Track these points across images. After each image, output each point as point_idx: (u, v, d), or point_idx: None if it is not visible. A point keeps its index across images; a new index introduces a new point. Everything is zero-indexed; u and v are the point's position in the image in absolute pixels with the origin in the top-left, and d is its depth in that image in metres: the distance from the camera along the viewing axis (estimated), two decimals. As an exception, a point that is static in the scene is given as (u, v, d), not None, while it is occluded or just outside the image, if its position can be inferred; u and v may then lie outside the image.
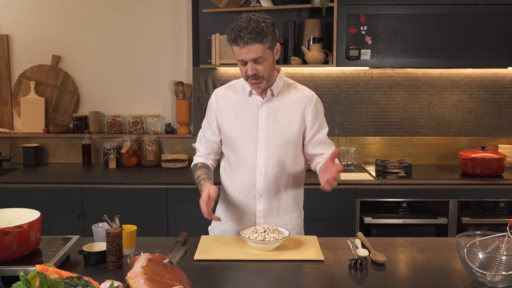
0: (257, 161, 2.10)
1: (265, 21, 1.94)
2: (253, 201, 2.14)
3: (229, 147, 2.15)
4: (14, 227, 1.65)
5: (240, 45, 1.92)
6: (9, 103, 3.81)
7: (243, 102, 2.12)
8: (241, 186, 2.14)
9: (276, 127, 2.08)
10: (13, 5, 3.73)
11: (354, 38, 3.33)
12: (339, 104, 3.75)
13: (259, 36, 1.90)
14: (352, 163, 3.57)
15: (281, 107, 2.09)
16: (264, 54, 1.94)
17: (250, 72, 1.96)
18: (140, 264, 1.56)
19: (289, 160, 2.13)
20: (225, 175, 2.22)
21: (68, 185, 3.19)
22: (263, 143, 2.09)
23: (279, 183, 2.13)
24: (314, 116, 2.13)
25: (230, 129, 2.12)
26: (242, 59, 1.96)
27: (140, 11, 3.75)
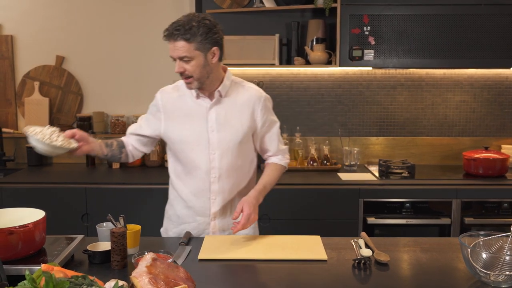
0: (211, 164, 2.09)
1: (201, 22, 1.92)
2: (207, 203, 2.14)
3: (180, 150, 2.12)
4: (19, 227, 1.66)
5: (170, 41, 1.95)
6: (13, 103, 3.83)
7: (191, 104, 2.10)
8: (195, 190, 2.13)
9: (227, 129, 2.08)
10: (17, 5, 3.75)
11: (357, 39, 3.33)
12: (342, 105, 3.75)
13: (186, 34, 1.90)
14: (355, 163, 3.57)
15: (231, 108, 2.09)
16: (190, 54, 1.93)
17: (176, 69, 1.98)
18: (144, 263, 1.56)
19: (241, 160, 2.14)
20: (177, 178, 2.19)
21: (72, 185, 3.20)
22: (215, 145, 2.08)
23: (233, 184, 2.14)
24: (264, 114, 2.14)
25: (179, 133, 2.10)
26: (171, 55, 1.98)
27: (143, 11, 3.76)
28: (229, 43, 3.53)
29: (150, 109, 2.19)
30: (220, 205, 2.14)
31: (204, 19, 1.94)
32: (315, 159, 3.55)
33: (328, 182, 3.21)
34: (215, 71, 2.03)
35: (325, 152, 3.60)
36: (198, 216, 2.16)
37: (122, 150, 2.18)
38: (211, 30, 1.94)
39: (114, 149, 2.14)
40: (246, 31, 3.62)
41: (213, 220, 2.15)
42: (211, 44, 1.95)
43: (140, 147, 2.22)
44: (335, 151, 3.75)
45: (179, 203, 2.19)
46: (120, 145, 2.18)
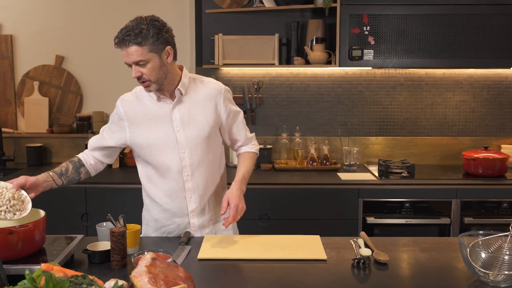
0: (182, 163, 2.08)
1: (150, 23, 1.91)
2: (183, 203, 2.13)
3: (148, 154, 2.10)
4: (19, 226, 1.66)
5: (121, 47, 1.93)
6: (13, 103, 3.83)
7: (153, 107, 2.08)
8: (170, 191, 2.12)
9: (192, 126, 2.07)
10: (17, 5, 3.75)
11: (357, 38, 3.33)
12: (342, 104, 3.75)
13: (137, 38, 1.88)
14: (355, 163, 3.57)
15: (193, 104, 2.08)
16: (144, 58, 1.91)
17: (133, 74, 1.95)
18: (144, 263, 1.57)
19: (211, 154, 2.14)
20: (149, 182, 2.17)
21: (72, 185, 3.17)
22: (183, 144, 2.07)
23: (206, 180, 2.14)
24: (227, 106, 2.14)
25: (146, 137, 2.07)
26: (125, 62, 1.95)
27: (143, 11, 3.73)
28: (228, 43, 3.54)
29: (112, 119, 2.16)
30: (197, 203, 2.13)
31: (153, 21, 1.94)
32: (314, 159, 3.55)
33: (327, 182, 3.21)
34: (172, 71, 2.03)
35: (324, 152, 3.60)
36: (176, 217, 2.15)
37: (80, 170, 2.14)
38: (161, 30, 1.93)
39: (70, 175, 2.11)
40: (246, 31, 3.62)
41: (192, 218, 2.14)
42: (164, 44, 1.95)
43: (104, 160, 2.20)
44: (334, 151, 3.75)
45: (154, 207, 2.18)
46: (77, 167, 2.14)
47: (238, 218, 2.00)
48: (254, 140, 2.30)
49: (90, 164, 2.17)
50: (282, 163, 3.60)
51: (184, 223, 2.15)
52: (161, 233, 2.18)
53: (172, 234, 2.16)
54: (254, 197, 2.95)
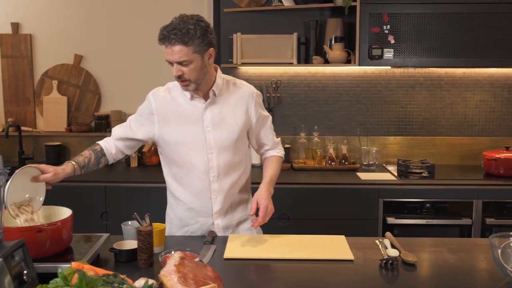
0: (209, 164, 2.07)
1: (197, 24, 1.89)
2: (208, 203, 2.12)
3: (175, 152, 2.09)
4: (48, 224, 1.67)
5: (165, 45, 1.91)
6: (32, 102, 3.85)
7: (185, 105, 2.07)
8: (195, 190, 2.11)
9: (223, 127, 2.07)
10: (36, 5, 3.77)
11: (376, 37, 3.31)
12: (360, 104, 3.73)
13: (184, 38, 1.86)
14: (373, 163, 3.55)
15: (225, 107, 2.08)
16: (188, 58, 1.90)
17: (174, 73, 1.94)
18: (173, 262, 1.56)
19: (238, 156, 2.14)
20: (174, 181, 2.16)
21: (92, 184, 3.21)
22: (212, 145, 2.06)
23: (232, 182, 2.13)
24: (258, 110, 2.14)
25: (175, 134, 2.06)
26: (167, 59, 1.94)
27: (161, 11, 3.76)
28: (247, 42, 3.53)
29: (142, 111, 2.13)
30: (222, 204, 2.13)
31: (199, 21, 1.92)
32: (333, 159, 3.53)
33: (347, 181, 3.19)
34: (210, 71, 2.03)
35: (343, 152, 3.58)
36: (200, 217, 2.15)
37: (100, 160, 2.12)
38: (206, 31, 1.92)
39: (90, 166, 2.08)
40: (264, 30, 3.61)
41: (216, 219, 2.14)
42: (208, 46, 1.94)
43: (126, 151, 2.18)
44: (353, 151, 3.73)
45: (179, 206, 2.18)
46: (99, 157, 2.11)
47: (267, 220, 1.99)
48: (280, 144, 2.30)
49: (111, 153, 2.15)
50: (300, 162, 3.59)
51: (208, 223, 2.14)
52: (184, 232, 2.17)
53: (196, 234, 2.15)
54: (273, 196, 2.91)
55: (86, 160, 2.06)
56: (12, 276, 1.40)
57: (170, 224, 2.22)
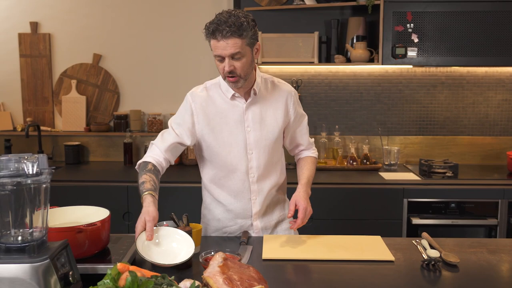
0: (249, 164, 2.05)
1: (245, 17, 1.86)
2: (248, 204, 2.10)
3: (215, 154, 2.04)
4: (87, 225, 1.64)
5: (218, 39, 1.84)
6: (51, 101, 3.83)
7: (224, 105, 2.03)
8: (234, 192, 2.08)
9: (263, 127, 2.04)
10: (55, 4, 3.75)
11: (400, 36, 3.28)
12: (381, 103, 3.70)
13: (238, 30, 1.82)
14: (395, 162, 3.52)
15: (265, 105, 2.05)
16: (242, 50, 1.86)
17: (227, 68, 1.87)
18: (216, 263, 1.54)
19: (276, 156, 2.12)
20: (212, 183, 2.11)
21: (113, 184, 3.19)
22: (252, 145, 2.04)
23: (270, 182, 2.11)
24: (296, 109, 2.12)
25: (215, 135, 2.02)
26: (220, 54, 1.86)
27: (181, 10, 3.74)
28: (267, 41, 3.50)
29: (182, 114, 2.05)
30: (261, 205, 2.11)
31: (247, 15, 1.89)
32: (354, 158, 3.51)
33: (370, 181, 3.16)
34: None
35: (364, 151, 3.55)
36: (239, 218, 2.12)
37: (159, 178, 1.95)
38: (256, 24, 1.91)
39: (158, 185, 1.91)
40: (285, 28, 3.59)
41: (255, 220, 2.12)
42: (256, 40, 1.92)
43: (172, 160, 2.05)
44: (374, 150, 3.70)
45: (217, 207, 2.14)
46: (156, 175, 1.93)
47: (306, 222, 1.97)
48: (314, 145, 2.27)
49: (162, 168, 2.00)
50: (321, 162, 3.56)
51: (246, 225, 2.12)
52: (222, 233, 2.14)
53: (233, 235, 2.13)
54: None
55: (152, 182, 1.87)
56: (59, 277, 1.38)
57: (206, 225, 2.19)
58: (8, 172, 1.35)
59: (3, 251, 1.36)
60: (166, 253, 1.67)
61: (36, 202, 1.38)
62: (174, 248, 1.70)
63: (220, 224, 2.14)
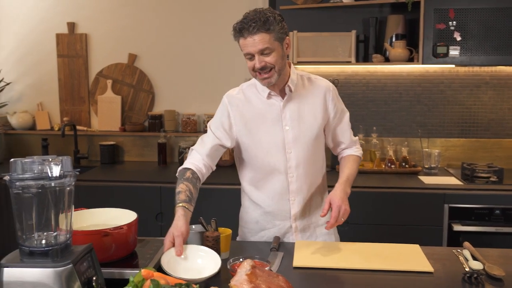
0: (288, 164, 1.98)
1: (272, 12, 1.83)
2: (286, 205, 2.03)
3: (253, 155, 2.00)
4: (114, 228, 1.61)
5: (245, 36, 1.81)
6: (87, 101, 3.86)
7: (261, 105, 1.98)
8: (273, 193, 2.02)
9: (302, 124, 1.98)
10: (92, 4, 3.78)
11: (442, 34, 3.15)
12: (421, 104, 3.57)
13: (265, 25, 1.78)
14: (435, 166, 3.38)
15: (303, 102, 1.99)
16: (271, 45, 1.81)
17: (258, 64, 1.83)
18: (244, 271, 1.48)
19: (316, 155, 2.04)
20: (251, 185, 2.07)
21: (147, 184, 3.18)
22: (291, 144, 1.97)
23: (309, 182, 2.04)
24: (335, 104, 2.04)
25: (252, 137, 1.98)
26: (249, 51, 1.83)
27: (216, 10, 3.71)
28: (303, 40, 3.43)
29: (220, 116, 2.02)
30: (300, 206, 2.04)
31: (274, 11, 1.86)
32: (393, 161, 3.39)
33: (409, 185, 3.04)
34: (286, 65, 1.95)
35: (403, 154, 3.43)
36: (278, 220, 2.06)
37: (197, 186, 1.90)
38: (283, 19, 1.87)
39: (194, 195, 1.86)
40: (321, 27, 3.50)
41: (294, 222, 2.05)
42: (285, 34, 1.87)
43: (213, 165, 2.01)
44: (413, 153, 3.57)
45: (255, 210, 2.09)
46: (194, 183, 1.88)
47: (342, 221, 1.87)
48: (358, 143, 2.18)
49: (202, 175, 1.95)
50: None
51: (285, 227, 2.05)
52: (260, 237, 2.08)
53: (270, 239, 2.05)
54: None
55: (188, 193, 1.82)
56: (82, 282, 1.35)
57: (244, 228, 2.14)
58: (32, 175, 1.33)
59: (27, 254, 1.34)
60: (192, 269, 1.62)
61: (60, 205, 1.35)
62: (199, 264, 1.65)
63: (258, 227, 2.09)
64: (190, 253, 1.67)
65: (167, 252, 1.62)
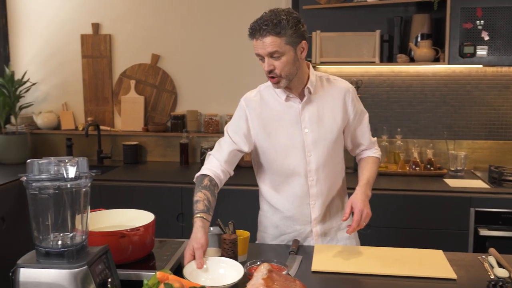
0: (307, 167, 1.94)
1: (287, 15, 1.77)
2: (307, 210, 1.99)
3: (272, 159, 1.96)
4: (130, 230, 1.61)
5: (256, 37, 1.78)
6: (111, 101, 3.89)
7: (279, 108, 1.94)
8: (293, 197, 1.98)
9: (321, 127, 1.93)
10: (116, 5, 3.80)
11: (469, 34, 3.07)
12: (447, 105, 3.49)
13: (276, 28, 1.74)
14: (462, 168, 3.30)
15: (322, 104, 1.94)
16: (281, 49, 1.77)
17: (266, 67, 1.81)
18: (260, 275, 1.45)
19: (335, 157, 2.00)
20: (270, 188, 2.03)
21: (168, 184, 3.18)
22: (310, 146, 1.93)
23: (329, 184, 1.99)
24: (355, 106, 2.00)
25: (271, 140, 1.94)
26: (258, 53, 1.81)
27: (239, 10, 3.69)
28: (326, 40, 3.39)
29: (237, 120, 1.99)
30: (320, 210, 2.00)
31: (291, 13, 1.80)
32: (417, 163, 3.32)
33: (434, 188, 2.98)
34: (303, 68, 1.90)
35: (428, 156, 3.35)
36: (298, 225, 2.02)
37: (215, 194, 1.89)
38: (299, 22, 1.81)
39: (212, 204, 1.83)
40: (345, 27, 3.45)
41: (314, 226, 2.01)
42: (300, 38, 1.82)
43: (231, 170, 1.99)
44: (438, 155, 3.49)
45: (275, 214, 2.05)
46: (212, 190, 1.86)
47: (364, 225, 1.83)
48: (376, 144, 2.14)
49: (220, 181, 1.93)
50: (381, 167, 3.39)
51: (306, 231, 2.02)
52: (280, 241, 2.05)
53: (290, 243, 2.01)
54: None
55: (206, 202, 1.80)
56: (97, 284, 1.34)
57: (263, 233, 2.11)
58: (48, 176, 1.33)
59: (43, 255, 1.34)
60: (214, 279, 1.59)
61: (75, 206, 1.35)
62: (221, 273, 1.63)
63: (278, 231, 2.05)
64: (212, 264, 1.65)
65: (189, 264, 1.60)
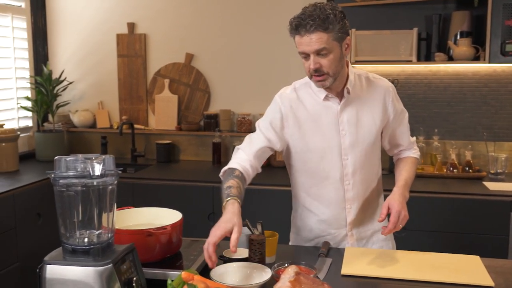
0: (344, 171, 1.87)
1: (333, 9, 1.68)
2: (342, 214, 1.92)
3: (306, 160, 1.89)
4: (158, 229, 1.60)
5: (302, 34, 1.69)
6: (145, 100, 3.92)
7: (316, 107, 1.86)
8: (328, 201, 1.91)
9: (360, 129, 1.85)
10: (150, 4, 3.83)
11: (511, 31, 2.96)
12: (487, 105, 3.37)
13: (324, 24, 1.65)
14: (502, 171, 3.18)
15: (361, 105, 1.86)
16: (328, 46, 1.69)
17: (312, 66, 1.72)
18: (287, 277, 1.42)
19: (372, 159, 1.92)
20: (304, 191, 1.96)
21: (200, 184, 3.18)
22: (347, 149, 1.85)
23: (366, 187, 1.92)
24: (395, 106, 1.91)
25: (306, 140, 1.86)
26: (304, 50, 1.72)
27: (271, 9, 3.66)
28: (361, 39, 3.32)
29: (271, 117, 1.90)
30: (356, 214, 1.93)
31: (336, 7, 1.72)
32: (455, 165, 3.22)
33: (472, 191, 2.88)
34: (344, 66, 1.83)
35: (467, 158, 3.25)
36: (333, 228, 1.95)
37: (245, 187, 1.81)
38: (345, 17, 1.73)
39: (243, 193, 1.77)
40: (381, 25, 3.38)
41: (350, 230, 1.94)
42: (345, 34, 1.74)
43: (259, 167, 1.89)
44: (477, 157, 3.38)
45: (309, 217, 1.99)
46: (243, 183, 1.79)
47: (400, 227, 1.75)
48: (415, 144, 2.06)
49: (249, 176, 1.84)
50: (418, 168, 3.29)
51: (341, 235, 1.95)
52: (315, 244, 1.99)
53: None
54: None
55: (239, 189, 1.74)
56: (122, 283, 1.34)
57: (297, 236, 2.05)
58: (74, 173, 1.33)
59: (69, 252, 1.34)
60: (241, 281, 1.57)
61: (102, 204, 1.35)
62: (248, 274, 1.60)
63: (312, 234, 1.99)
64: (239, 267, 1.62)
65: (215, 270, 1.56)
